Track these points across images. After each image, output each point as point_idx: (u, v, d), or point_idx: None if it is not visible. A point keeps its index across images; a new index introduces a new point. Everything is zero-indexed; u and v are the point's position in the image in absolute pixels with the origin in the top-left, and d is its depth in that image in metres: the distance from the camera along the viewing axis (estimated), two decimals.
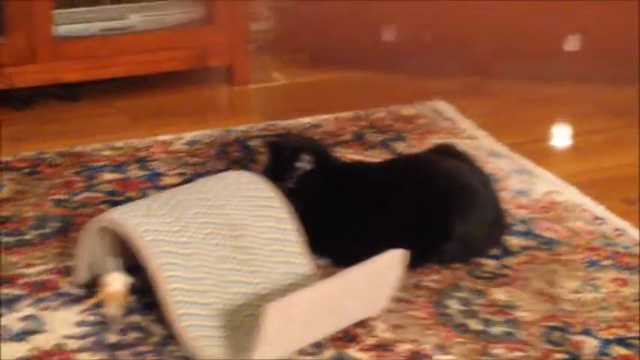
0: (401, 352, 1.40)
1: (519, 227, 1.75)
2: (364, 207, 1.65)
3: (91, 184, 1.93)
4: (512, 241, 1.71)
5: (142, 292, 1.50)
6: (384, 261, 1.43)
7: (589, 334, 1.44)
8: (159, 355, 1.39)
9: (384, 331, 1.45)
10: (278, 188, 1.60)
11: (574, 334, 1.44)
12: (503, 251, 1.67)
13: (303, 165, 1.71)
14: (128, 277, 1.49)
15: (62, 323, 1.45)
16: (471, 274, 1.61)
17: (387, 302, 1.49)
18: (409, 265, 1.48)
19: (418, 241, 1.55)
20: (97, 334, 1.43)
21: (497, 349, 1.41)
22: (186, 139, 2.16)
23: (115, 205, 1.69)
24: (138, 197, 1.82)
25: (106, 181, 1.94)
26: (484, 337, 1.44)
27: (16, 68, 2.32)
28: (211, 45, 2.49)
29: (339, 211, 1.66)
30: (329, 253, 1.63)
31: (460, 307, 1.51)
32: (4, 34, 2.31)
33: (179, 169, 2.01)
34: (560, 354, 1.40)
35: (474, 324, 1.47)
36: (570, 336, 1.44)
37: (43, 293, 1.53)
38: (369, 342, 1.42)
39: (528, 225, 1.77)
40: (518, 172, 1.99)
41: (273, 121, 2.28)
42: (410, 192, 1.64)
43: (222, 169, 1.88)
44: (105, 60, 2.40)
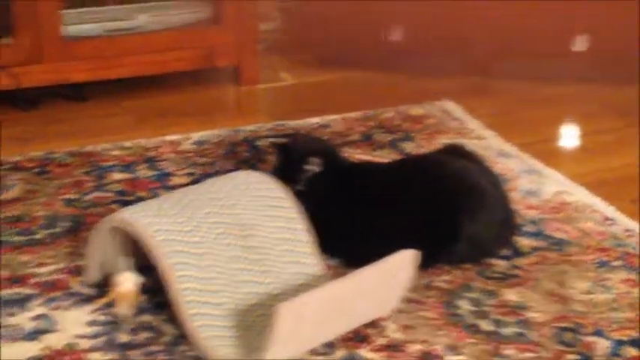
0: (412, 352, 1.40)
1: (529, 228, 1.75)
2: (373, 207, 1.65)
3: (100, 183, 1.93)
4: (523, 241, 1.70)
5: (153, 292, 1.50)
6: (396, 261, 1.43)
7: (601, 335, 1.44)
8: (170, 355, 1.39)
9: (395, 332, 1.45)
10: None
11: (586, 334, 1.44)
12: (514, 252, 1.67)
13: (312, 168, 1.71)
14: (139, 276, 1.49)
15: (73, 323, 1.45)
16: (481, 275, 1.61)
17: (397, 303, 1.49)
18: (419, 265, 1.48)
19: (427, 242, 1.55)
20: (108, 333, 1.43)
21: (508, 349, 1.41)
22: (194, 139, 2.16)
23: (125, 204, 1.69)
24: (148, 197, 1.82)
25: (116, 180, 1.94)
26: (495, 338, 1.44)
27: (23, 68, 2.31)
28: (219, 45, 2.48)
29: (348, 211, 1.66)
30: (338, 254, 1.63)
31: (471, 308, 1.51)
32: (11, 34, 2.31)
33: (188, 169, 2.00)
34: (572, 355, 1.40)
35: (484, 325, 1.47)
36: (582, 337, 1.44)
37: (54, 293, 1.53)
38: (380, 342, 1.42)
39: (539, 225, 1.76)
40: (527, 173, 1.99)
41: (282, 121, 2.27)
42: (419, 192, 1.63)
43: (231, 169, 1.87)
44: (112, 60, 2.40)
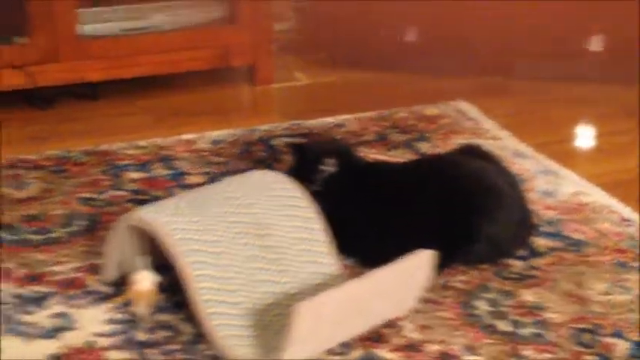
0: (429, 352, 1.40)
1: (547, 228, 1.75)
2: (390, 207, 1.65)
3: (116, 182, 1.93)
4: (540, 242, 1.70)
5: (170, 291, 1.50)
6: (414, 261, 1.43)
7: (620, 336, 1.44)
8: (188, 353, 1.39)
9: (412, 332, 1.44)
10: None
11: (604, 335, 1.44)
12: (531, 252, 1.67)
13: (328, 168, 1.71)
14: (157, 275, 1.49)
15: (91, 321, 1.45)
16: (498, 275, 1.60)
17: (415, 303, 1.48)
18: (436, 265, 1.48)
19: (443, 242, 1.54)
20: (126, 332, 1.43)
21: (526, 350, 1.41)
22: (209, 138, 2.16)
23: (141, 203, 1.70)
24: (163, 196, 1.81)
25: (132, 179, 1.94)
26: (513, 339, 1.43)
27: (39, 67, 2.32)
28: (234, 45, 2.48)
29: (364, 211, 1.65)
30: (355, 254, 1.62)
31: (488, 308, 1.51)
32: (27, 34, 2.31)
33: (203, 168, 2.00)
34: (590, 356, 1.39)
35: (502, 325, 1.47)
36: (601, 338, 1.43)
37: (72, 291, 1.53)
38: (397, 342, 1.42)
39: (556, 226, 1.76)
40: (543, 173, 1.98)
41: (296, 120, 2.27)
42: (436, 192, 1.63)
43: (247, 169, 1.87)
44: (127, 59, 2.40)
